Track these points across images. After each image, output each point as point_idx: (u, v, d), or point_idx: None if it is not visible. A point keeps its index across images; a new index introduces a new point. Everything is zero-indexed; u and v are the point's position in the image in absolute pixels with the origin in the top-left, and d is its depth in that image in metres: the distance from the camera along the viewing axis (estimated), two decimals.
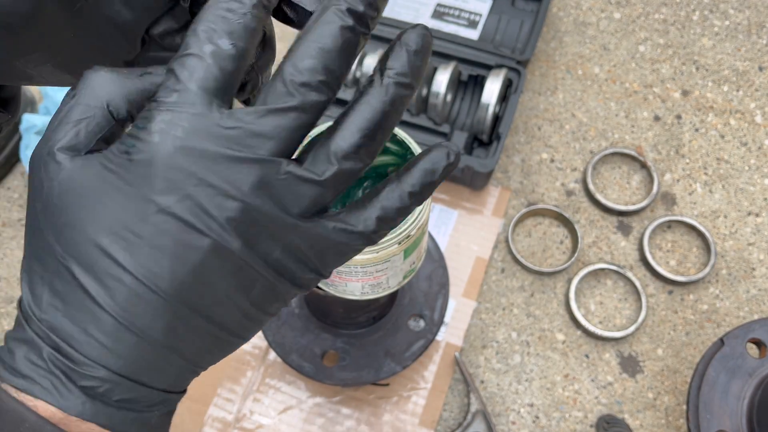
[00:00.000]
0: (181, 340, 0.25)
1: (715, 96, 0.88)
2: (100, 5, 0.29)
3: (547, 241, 0.80)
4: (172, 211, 0.23)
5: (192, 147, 0.23)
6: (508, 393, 0.73)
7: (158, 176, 0.23)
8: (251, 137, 0.23)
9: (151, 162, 0.23)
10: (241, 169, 0.23)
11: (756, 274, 0.78)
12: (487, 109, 0.77)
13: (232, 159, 0.23)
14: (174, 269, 0.23)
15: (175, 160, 0.23)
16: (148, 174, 0.23)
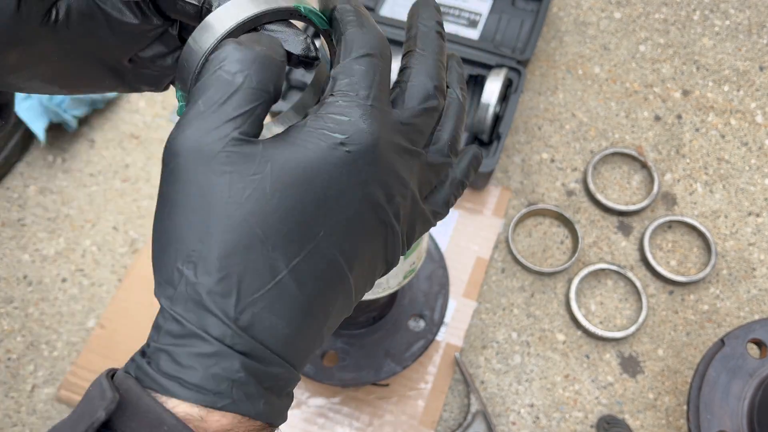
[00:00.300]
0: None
1: (715, 96, 0.88)
2: (85, 32, 0.30)
3: (547, 241, 0.80)
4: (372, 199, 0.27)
5: (386, 140, 0.27)
6: (509, 393, 0.73)
7: (368, 165, 0.26)
8: (416, 132, 0.29)
9: (364, 152, 0.26)
10: (411, 160, 0.28)
11: (756, 274, 0.78)
12: (487, 109, 0.77)
13: (409, 152, 0.28)
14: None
15: (379, 152, 0.26)
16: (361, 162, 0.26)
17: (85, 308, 0.77)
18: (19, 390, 0.73)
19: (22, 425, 0.72)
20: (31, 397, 0.73)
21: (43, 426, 0.72)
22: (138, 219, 0.82)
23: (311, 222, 0.25)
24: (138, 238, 0.81)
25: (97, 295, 0.77)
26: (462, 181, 0.33)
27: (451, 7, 0.88)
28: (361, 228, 0.27)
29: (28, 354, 0.75)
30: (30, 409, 0.73)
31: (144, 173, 0.85)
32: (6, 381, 0.74)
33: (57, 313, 0.77)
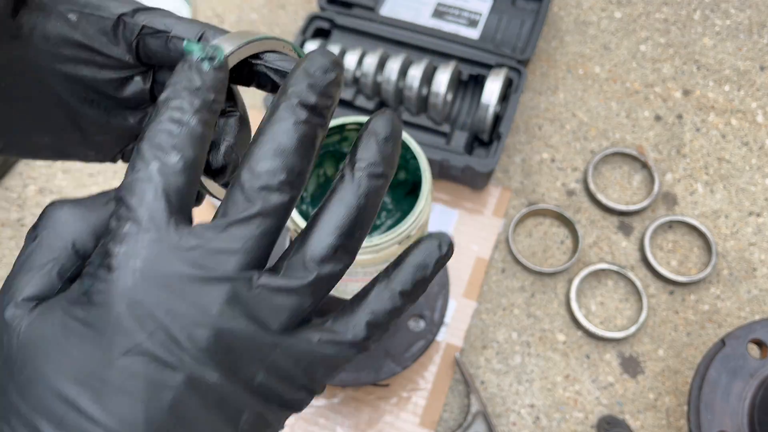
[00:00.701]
0: None
1: (716, 96, 0.88)
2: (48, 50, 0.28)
3: (547, 242, 0.80)
4: (140, 349, 0.21)
5: (153, 276, 0.21)
6: (509, 394, 0.73)
7: (121, 315, 0.21)
8: (215, 254, 0.22)
9: (112, 302, 0.21)
10: (208, 290, 0.21)
11: (757, 275, 0.78)
12: (487, 109, 0.76)
13: (197, 280, 0.21)
14: (149, 414, 0.21)
15: (137, 294, 0.21)
16: (109, 315, 0.21)
17: None
18: None
19: None
20: None
21: None
22: None
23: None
24: None
25: None
26: (401, 291, 0.24)
27: (452, 6, 0.88)
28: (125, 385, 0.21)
29: None
30: None
31: None
32: None
33: None
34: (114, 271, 0.21)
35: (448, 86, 0.77)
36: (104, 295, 0.21)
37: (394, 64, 0.78)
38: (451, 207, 0.81)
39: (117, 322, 0.21)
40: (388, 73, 0.78)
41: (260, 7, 0.96)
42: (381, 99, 0.81)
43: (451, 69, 0.78)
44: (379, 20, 0.86)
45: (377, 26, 0.85)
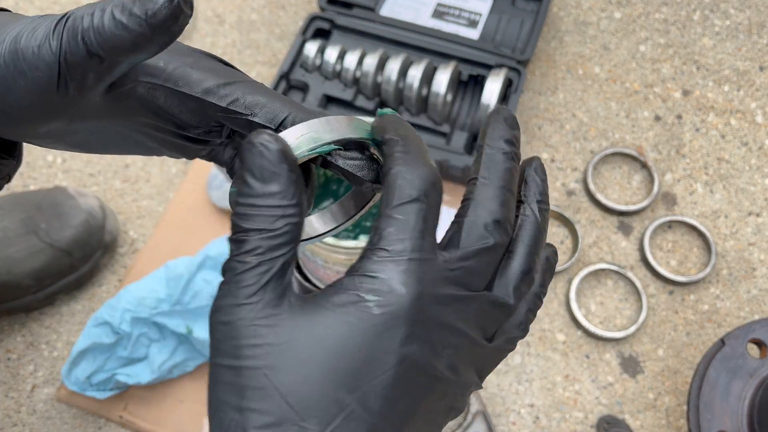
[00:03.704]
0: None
1: (715, 96, 0.88)
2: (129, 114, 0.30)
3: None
4: (413, 358, 0.25)
5: (429, 293, 0.25)
6: (509, 393, 0.73)
7: (404, 326, 0.24)
8: (470, 275, 0.26)
9: (398, 313, 0.24)
10: (466, 306, 0.26)
11: (757, 275, 0.78)
12: (487, 109, 0.77)
13: (460, 298, 0.26)
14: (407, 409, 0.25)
15: (418, 309, 0.24)
16: (394, 325, 0.24)
17: (86, 308, 0.77)
18: (19, 390, 0.73)
19: (22, 425, 0.72)
20: (31, 397, 0.73)
21: (43, 426, 0.72)
22: (138, 219, 0.82)
23: (343, 391, 0.24)
24: (138, 238, 0.81)
25: (97, 295, 0.77)
26: (538, 294, 0.30)
27: (452, 6, 0.88)
28: (403, 390, 0.25)
29: (28, 354, 0.75)
30: (30, 409, 0.73)
31: (144, 173, 0.85)
32: (6, 381, 0.74)
33: (57, 313, 0.77)
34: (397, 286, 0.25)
35: (448, 86, 0.77)
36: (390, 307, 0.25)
37: (394, 64, 0.78)
38: (451, 207, 0.82)
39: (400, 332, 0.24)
40: (388, 73, 0.78)
41: (260, 8, 0.96)
42: (381, 99, 0.82)
43: (451, 69, 0.78)
44: (379, 20, 0.86)
45: (377, 26, 0.85)
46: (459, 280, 0.26)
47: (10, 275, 0.70)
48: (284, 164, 0.24)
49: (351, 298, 0.24)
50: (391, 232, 0.25)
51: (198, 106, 0.30)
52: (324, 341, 0.24)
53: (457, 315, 0.26)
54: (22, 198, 0.74)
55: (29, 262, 0.70)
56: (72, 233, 0.72)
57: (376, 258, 0.25)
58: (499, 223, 0.27)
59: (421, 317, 0.25)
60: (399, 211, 0.25)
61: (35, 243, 0.71)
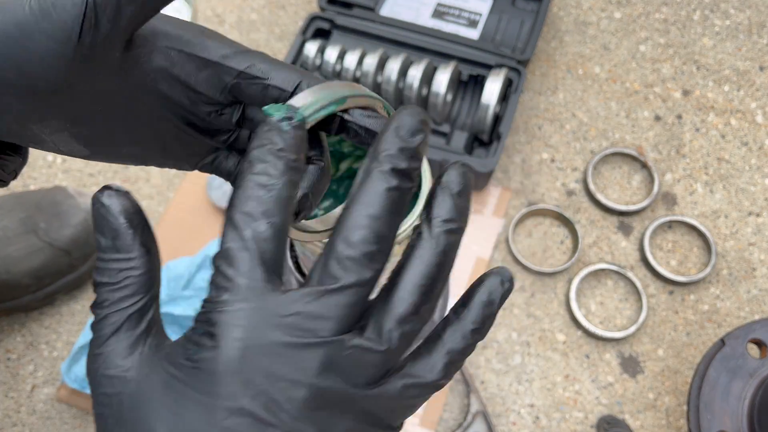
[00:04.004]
0: None
1: (715, 96, 0.88)
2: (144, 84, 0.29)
3: (547, 242, 0.80)
4: (243, 412, 0.22)
5: (255, 345, 0.23)
6: (509, 393, 0.73)
7: (226, 382, 0.22)
8: (311, 320, 0.23)
9: (217, 369, 0.22)
10: (305, 354, 0.23)
11: (757, 275, 0.78)
12: (487, 109, 0.77)
13: (296, 346, 0.23)
14: None
15: (241, 363, 0.22)
16: (216, 381, 0.23)
17: (85, 308, 0.77)
18: (19, 390, 0.73)
19: (22, 425, 0.72)
20: (31, 397, 0.73)
21: (43, 426, 0.72)
22: None
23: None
24: None
25: None
26: (467, 334, 0.26)
27: (451, 6, 0.88)
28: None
29: (28, 354, 0.75)
30: (30, 409, 0.73)
31: (144, 173, 0.85)
32: (6, 381, 0.74)
33: (57, 313, 0.77)
34: (217, 340, 0.23)
35: (448, 86, 0.77)
36: (209, 363, 0.23)
37: (394, 64, 0.78)
38: None
39: (222, 387, 0.22)
40: (388, 73, 0.78)
41: (260, 8, 0.96)
42: None
43: (451, 69, 0.78)
44: (379, 20, 0.86)
45: (377, 26, 0.85)
46: (297, 325, 0.23)
47: (9, 274, 0.70)
48: (122, 220, 0.25)
49: (183, 352, 0.23)
50: (218, 281, 0.23)
51: (214, 74, 0.30)
52: (165, 406, 0.23)
53: (295, 363, 0.23)
54: (22, 197, 0.74)
55: (28, 261, 0.70)
56: (71, 232, 0.72)
57: (204, 308, 0.24)
58: (355, 260, 0.23)
59: (246, 370, 0.22)
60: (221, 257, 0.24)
61: (34, 242, 0.71)
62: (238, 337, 0.22)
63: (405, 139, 0.24)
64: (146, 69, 0.29)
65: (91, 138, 0.29)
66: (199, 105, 0.31)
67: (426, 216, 0.25)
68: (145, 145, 0.31)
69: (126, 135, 0.30)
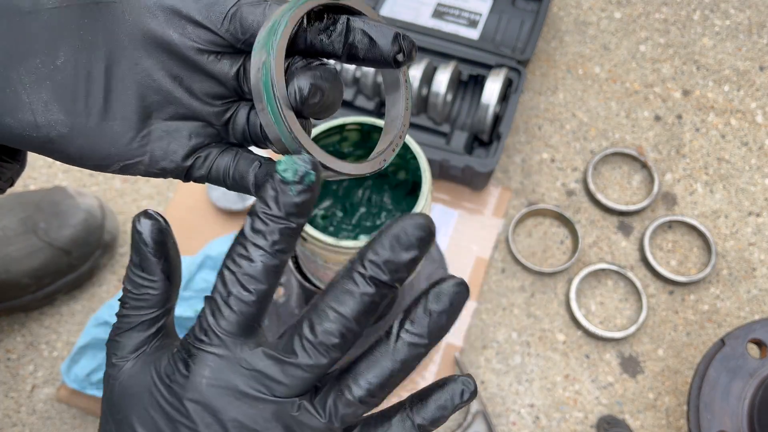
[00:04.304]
0: None
1: (715, 96, 0.88)
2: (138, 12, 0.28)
3: (547, 242, 0.80)
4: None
5: (216, 386, 0.26)
6: (509, 393, 0.73)
7: (188, 407, 0.26)
8: (268, 380, 0.26)
9: (183, 394, 0.26)
10: (257, 405, 0.26)
11: (757, 275, 0.78)
12: (487, 109, 0.77)
13: (252, 397, 0.26)
14: None
15: (202, 396, 0.26)
16: (180, 402, 0.26)
17: (85, 308, 0.77)
18: (19, 390, 0.73)
19: (22, 425, 0.72)
20: (31, 397, 0.73)
21: (43, 426, 0.72)
22: None
23: None
24: None
25: (96, 295, 0.77)
26: (420, 424, 0.27)
27: (452, 6, 0.88)
28: None
29: (28, 354, 0.75)
30: (30, 409, 0.73)
31: None
32: (6, 381, 0.74)
33: (57, 313, 0.77)
34: (190, 371, 0.26)
35: (448, 86, 0.77)
36: (179, 386, 0.26)
37: None
38: (451, 207, 0.82)
39: (185, 410, 0.26)
40: None
41: None
42: (381, 99, 0.81)
43: (451, 69, 0.78)
44: None
45: None
46: (256, 379, 0.26)
47: (9, 274, 0.69)
48: (150, 247, 0.28)
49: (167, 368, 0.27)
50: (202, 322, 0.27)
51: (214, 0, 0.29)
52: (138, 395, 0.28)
53: (248, 410, 0.26)
54: (22, 197, 0.74)
55: (28, 261, 0.70)
56: (71, 232, 0.72)
57: (190, 339, 0.27)
58: (315, 345, 0.25)
59: (206, 403, 0.26)
60: (208, 303, 0.27)
61: (34, 242, 0.71)
62: (205, 374, 0.26)
63: (396, 253, 0.25)
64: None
65: (73, 95, 0.28)
66: (196, 42, 0.29)
67: (401, 321, 0.26)
68: (129, 117, 0.29)
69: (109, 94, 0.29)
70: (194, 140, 0.31)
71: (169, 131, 0.30)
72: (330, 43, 0.28)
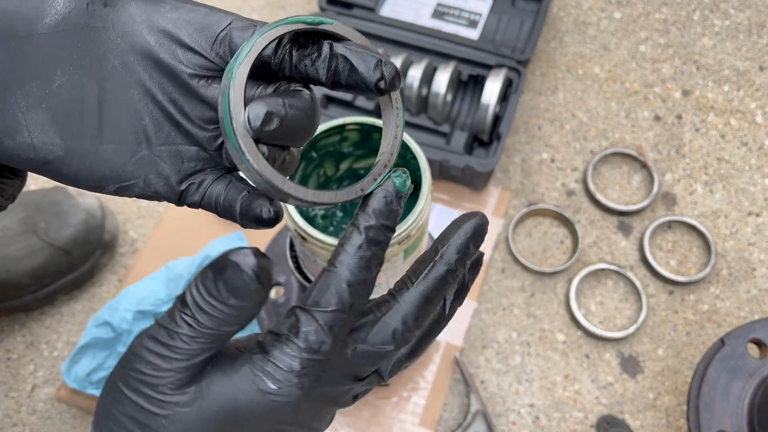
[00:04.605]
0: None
1: (715, 96, 0.88)
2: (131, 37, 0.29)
3: (547, 242, 0.80)
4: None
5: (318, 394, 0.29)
6: (509, 393, 0.73)
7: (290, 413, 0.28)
8: (360, 369, 0.30)
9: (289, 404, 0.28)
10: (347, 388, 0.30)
11: (756, 274, 0.78)
12: (487, 109, 0.77)
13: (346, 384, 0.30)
14: None
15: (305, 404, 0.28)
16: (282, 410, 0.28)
17: (85, 308, 0.77)
18: (19, 390, 0.73)
19: (22, 425, 0.72)
20: (31, 397, 0.73)
21: (43, 426, 0.72)
22: (138, 219, 0.82)
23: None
24: (138, 238, 0.81)
25: (97, 295, 0.77)
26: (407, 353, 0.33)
27: (451, 7, 0.88)
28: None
29: (28, 354, 0.75)
30: (30, 409, 0.73)
31: None
32: (6, 381, 0.74)
33: (57, 313, 0.77)
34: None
35: (448, 86, 0.77)
36: None
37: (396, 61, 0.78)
38: (451, 207, 0.82)
39: None
40: None
41: (260, 8, 0.96)
42: None
43: (451, 69, 0.78)
44: (379, 20, 0.86)
45: (377, 26, 0.85)
46: (351, 373, 0.29)
47: (9, 274, 0.70)
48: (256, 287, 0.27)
49: (256, 379, 0.27)
50: (308, 330, 0.28)
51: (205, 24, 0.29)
52: (221, 409, 0.27)
53: (337, 396, 0.30)
54: (22, 197, 0.74)
55: (28, 260, 0.70)
56: (71, 232, 0.72)
57: (288, 350, 0.27)
58: (404, 332, 0.29)
59: (302, 412, 0.28)
60: (322, 316, 0.28)
61: (34, 242, 0.71)
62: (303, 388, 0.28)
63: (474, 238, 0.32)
64: (137, 13, 0.28)
65: (68, 119, 0.28)
66: (187, 66, 0.29)
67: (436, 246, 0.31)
68: (124, 140, 0.29)
69: (104, 118, 0.29)
70: (189, 164, 0.31)
71: (163, 155, 0.30)
72: (314, 70, 0.29)
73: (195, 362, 0.27)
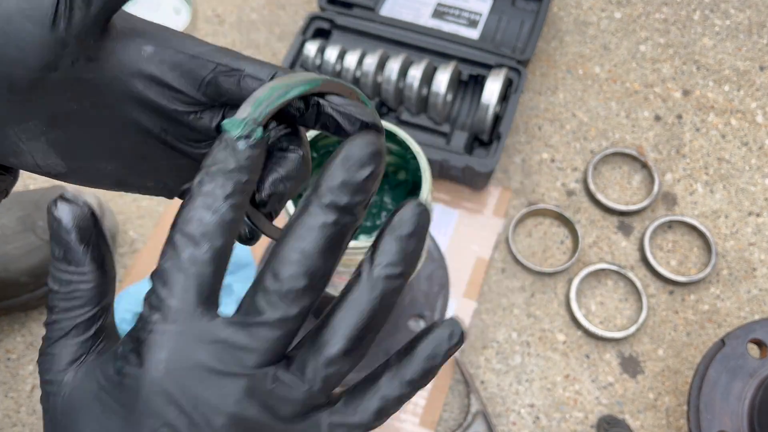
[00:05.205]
0: None
1: (716, 96, 0.88)
2: (120, 82, 0.29)
3: (547, 242, 0.80)
4: (165, 431, 0.23)
5: (177, 368, 0.23)
6: (509, 393, 0.73)
7: (149, 400, 0.23)
8: (236, 350, 0.23)
9: (140, 387, 0.23)
10: (227, 382, 0.23)
11: (757, 275, 0.78)
12: (487, 109, 0.76)
13: (219, 373, 0.23)
14: None
15: (162, 383, 0.23)
16: (138, 398, 0.23)
17: None
18: (19, 390, 0.73)
19: (21, 425, 0.72)
20: (31, 397, 0.73)
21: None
22: (138, 219, 0.82)
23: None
24: (138, 238, 0.81)
25: None
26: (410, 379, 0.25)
27: (452, 6, 0.88)
28: None
29: (28, 354, 0.75)
30: (30, 409, 0.73)
31: None
32: (6, 381, 0.74)
33: None
34: (143, 359, 0.23)
35: (448, 86, 0.77)
36: (133, 380, 0.23)
37: (394, 64, 0.78)
38: (451, 207, 0.81)
39: (145, 405, 0.23)
40: (388, 73, 0.78)
41: (260, 8, 0.96)
42: (381, 99, 0.81)
43: (451, 69, 0.78)
44: (379, 20, 0.86)
45: (377, 26, 0.85)
46: (220, 353, 0.23)
47: (7, 272, 0.69)
48: (73, 235, 0.25)
49: (114, 366, 0.24)
50: (151, 300, 0.23)
51: (190, 69, 0.29)
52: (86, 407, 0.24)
53: (216, 390, 0.23)
54: (21, 196, 0.74)
55: (26, 259, 0.70)
56: None
57: (136, 327, 0.23)
58: (281, 295, 0.23)
59: (167, 392, 0.23)
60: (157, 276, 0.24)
61: (32, 240, 0.71)
62: (162, 358, 0.22)
63: (351, 172, 0.23)
64: (122, 62, 0.28)
65: (68, 147, 0.29)
66: (175, 104, 0.29)
67: (369, 256, 0.23)
68: (123, 159, 0.30)
69: (103, 145, 0.30)
70: (187, 173, 0.32)
71: (160, 168, 0.32)
72: (302, 120, 0.29)
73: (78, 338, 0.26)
